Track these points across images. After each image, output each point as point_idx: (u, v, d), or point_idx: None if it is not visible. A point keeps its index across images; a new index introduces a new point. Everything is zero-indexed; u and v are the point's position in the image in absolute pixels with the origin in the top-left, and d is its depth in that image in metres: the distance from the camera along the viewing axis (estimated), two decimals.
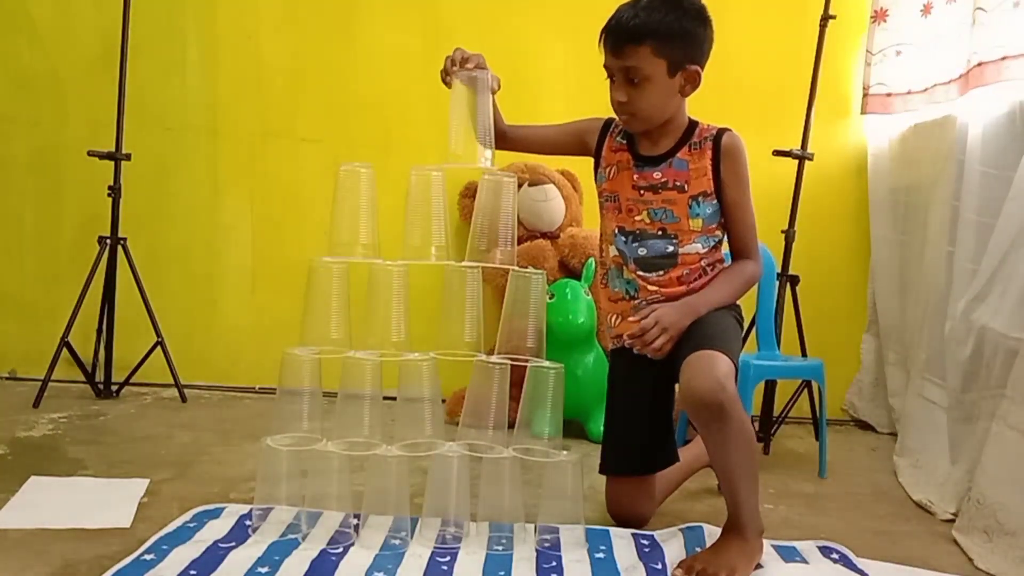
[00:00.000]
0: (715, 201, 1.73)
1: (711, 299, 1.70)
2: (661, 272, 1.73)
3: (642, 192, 1.75)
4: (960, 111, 2.33)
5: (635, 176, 1.76)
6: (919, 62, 2.67)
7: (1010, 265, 1.93)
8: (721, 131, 1.74)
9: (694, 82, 1.69)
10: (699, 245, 1.73)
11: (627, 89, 1.67)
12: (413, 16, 2.99)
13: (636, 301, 1.76)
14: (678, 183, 1.72)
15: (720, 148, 1.72)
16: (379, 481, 1.63)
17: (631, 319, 1.71)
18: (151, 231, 2.99)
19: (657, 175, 1.74)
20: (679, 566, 1.50)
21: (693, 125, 1.76)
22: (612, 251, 1.80)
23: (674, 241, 1.73)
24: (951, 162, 2.31)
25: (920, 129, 2.69)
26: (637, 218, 1.75)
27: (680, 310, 1.67)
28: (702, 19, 1.68)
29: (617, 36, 1.65)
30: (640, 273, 1.75)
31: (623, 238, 1.77)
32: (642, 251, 1.75)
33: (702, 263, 1.74)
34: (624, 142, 1.80)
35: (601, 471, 1.83)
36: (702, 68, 1.69)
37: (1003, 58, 2.14)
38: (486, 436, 1.67)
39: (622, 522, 1.78)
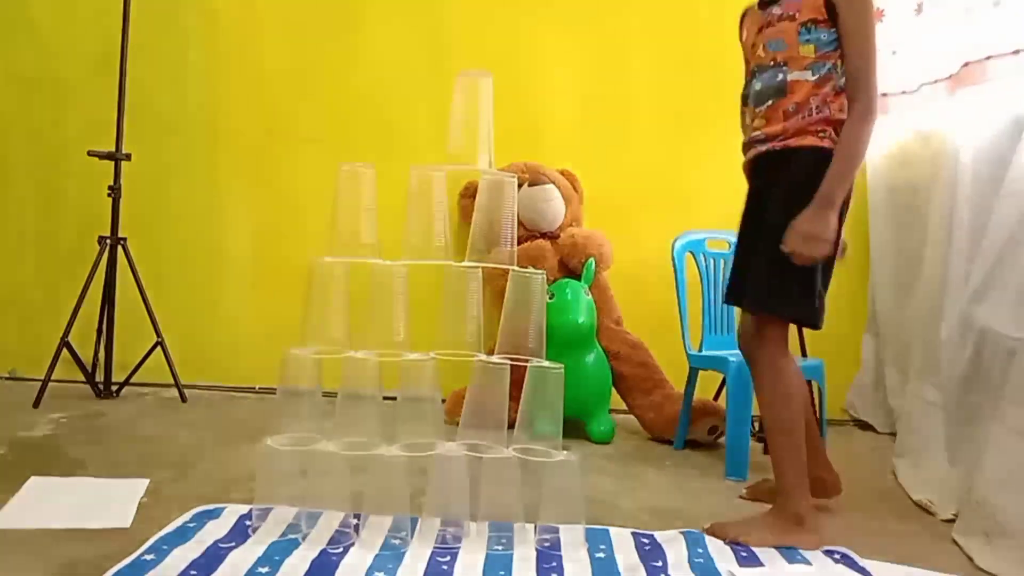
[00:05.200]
0: (832, 29, 1.73)
1: (833, 183, 1.70)
2: (770, 102, 1.77)
3: (762, 29, 1.81)
4: (954, 111, 2.33)
5: (761, 19, 1.82)
6: (912, 62, 2.67)
7: (1006, 265, 1.92)
8: None
9: None
10: (809, 73, 1.73)
11: None
12: (414, 17, 2.99)
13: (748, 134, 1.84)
14: (790, 13, 1.76)
15: None
16: (379, 481, 1.63)
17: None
18: (151, 231, 2.99)
19: (776, 11, 1.79)
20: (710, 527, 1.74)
21: None
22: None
23: (784, 69, 1.76)
24: (946, 162, 2.31)
25: (917, 130, 2.69)
26: (759, 53, 1.82)
27: (808, 215, 1.70)
28: None
29: None
30: (751, 107, 1.82)
31: (748, 79, 1.86)
32: (757, 85, 1.81)
33: (812, 101, 1.72)
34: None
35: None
36: None
37: (988, 57, 2.15)
38: (486, 436, 1.67)
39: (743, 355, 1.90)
